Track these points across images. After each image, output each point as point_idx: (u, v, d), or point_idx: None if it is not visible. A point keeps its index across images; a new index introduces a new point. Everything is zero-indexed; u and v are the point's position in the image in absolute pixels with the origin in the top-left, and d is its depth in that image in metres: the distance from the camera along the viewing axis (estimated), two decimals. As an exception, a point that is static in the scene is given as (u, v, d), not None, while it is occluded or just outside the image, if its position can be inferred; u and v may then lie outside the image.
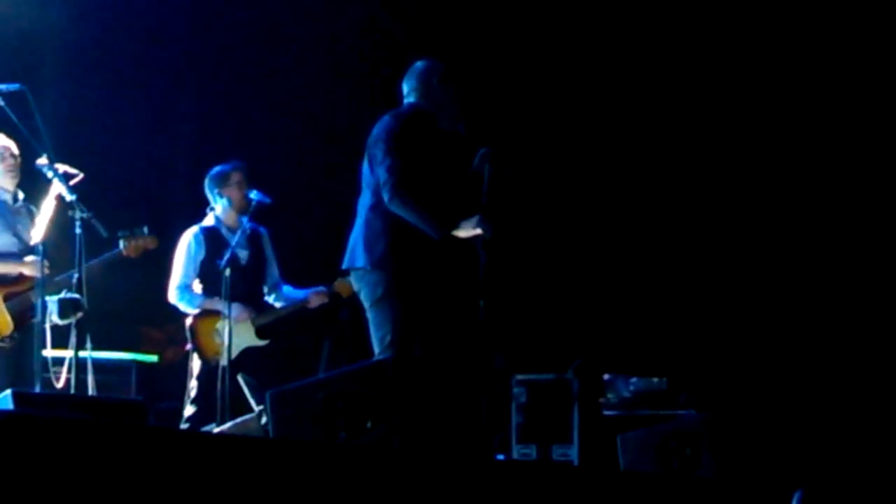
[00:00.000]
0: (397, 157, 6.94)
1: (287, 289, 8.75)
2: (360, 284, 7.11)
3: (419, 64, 7.26)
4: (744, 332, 9.98)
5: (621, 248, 10.43)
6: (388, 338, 6.90)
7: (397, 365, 6.73)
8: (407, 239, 6.97)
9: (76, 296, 7.44)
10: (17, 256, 7.87)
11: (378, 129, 7.08)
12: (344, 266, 7.20)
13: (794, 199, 10.07)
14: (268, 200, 8.39)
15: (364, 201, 7.11)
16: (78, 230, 7.38)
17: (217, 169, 8.70)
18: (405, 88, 7.26)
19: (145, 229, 8.11)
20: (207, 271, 8.49)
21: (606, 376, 9.49)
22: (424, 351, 7.01)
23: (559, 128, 10.49)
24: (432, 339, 7.04)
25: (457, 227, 7.01)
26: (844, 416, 9.40)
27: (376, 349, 6.99)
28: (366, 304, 7.06)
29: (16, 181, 7.98)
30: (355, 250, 7.08)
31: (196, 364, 8.44)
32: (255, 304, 8.53)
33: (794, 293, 9.97)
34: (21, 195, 8.02)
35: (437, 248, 6.98)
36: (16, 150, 7.91)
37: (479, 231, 6.97)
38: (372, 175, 7.04)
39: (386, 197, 6.93)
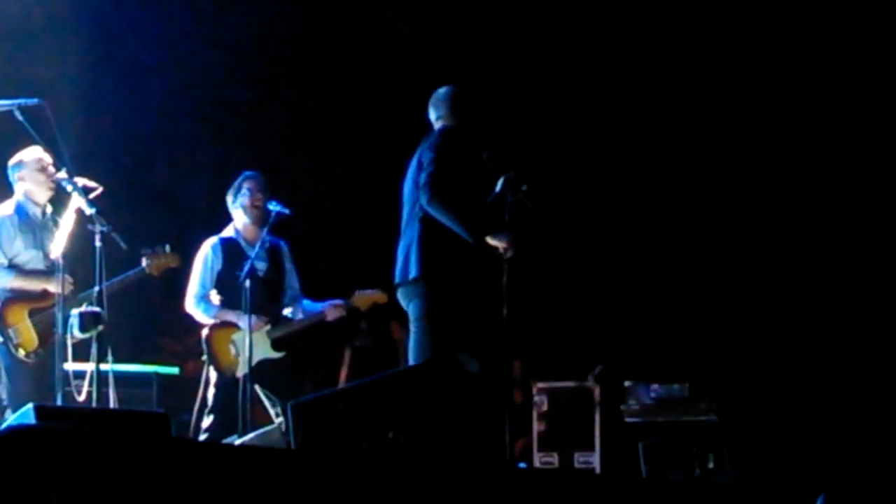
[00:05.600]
0: (442, 164, 7.14)
1: (306, 302, 8.74)
2: (409, 299, 7.24)
3: (441, 91, 7.49)
4: (764, 339, 9.97)
5: (643, 256, 10.43)
6: (428, 355, 7.01)
7: (423, 374, 6.75)
8: (453, 250, 7.11)
9: (97, 309, 7.44)
10: (43, 273, 7.86)
11: (428, 142, 7.30)
12: (397, 280, 7.29)
13: (816, 208, 10.07)
14: (286, 212, 8.37)
15: (412, 215, 7.27)
16: (98, 243, 7.39)
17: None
18: (432, 116, 7.50)
19: (167, 247, 8.13)
20: (224, 282, 8.47)
21: (627, 383, 9.49)
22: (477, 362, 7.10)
23: (578, 144, 10.53)
24: (476, 351, 7.11)
25: (490, 234, 7.16)
26: (866, 421, 9.38)
27: (412, 362, 7.09)
28: (412, 317, 7.21)
29: (49, 195, 7.96)
30: (408, 262, 7.19)
31: (213, 375, 8.44)
32: (271, 316, 8.52)
33: (816, 300, 9.95)
34: (50, 209, 8.01)
35: (473, 257, 7.12)
36: (51, 163, 7.87)
37: (505, 246, 7.09)
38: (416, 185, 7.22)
39: (425, 198, 7.11)
